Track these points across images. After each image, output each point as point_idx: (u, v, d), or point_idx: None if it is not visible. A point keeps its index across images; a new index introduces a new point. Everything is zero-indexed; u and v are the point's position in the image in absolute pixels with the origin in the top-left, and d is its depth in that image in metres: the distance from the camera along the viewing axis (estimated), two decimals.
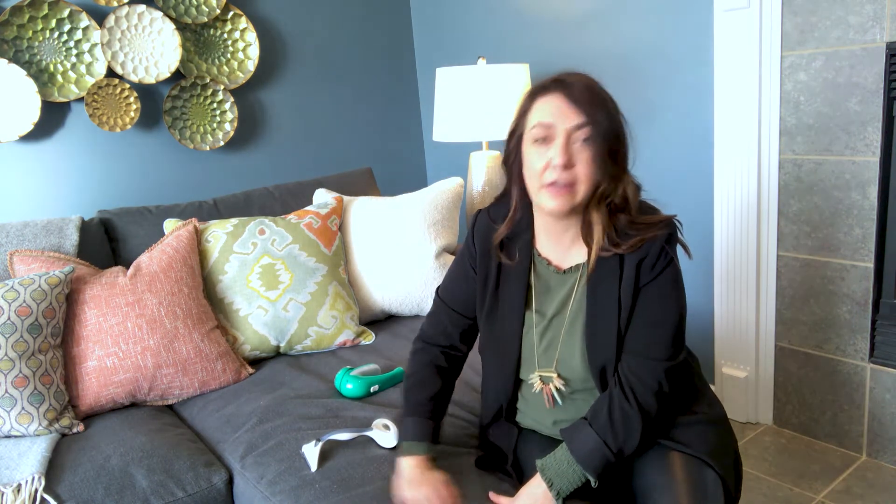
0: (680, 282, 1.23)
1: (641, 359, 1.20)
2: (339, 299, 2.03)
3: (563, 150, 1.14)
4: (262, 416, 1.63)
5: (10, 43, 2.17)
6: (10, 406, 1.55)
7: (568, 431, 1.22)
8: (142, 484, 1.45)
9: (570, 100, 1.15)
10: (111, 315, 1.73)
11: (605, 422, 1.18)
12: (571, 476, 1.18)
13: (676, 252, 1.22)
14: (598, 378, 1.24)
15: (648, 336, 1.21)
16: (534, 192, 1.20)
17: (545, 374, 1.28)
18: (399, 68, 3.17)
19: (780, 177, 2.13)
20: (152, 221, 2.10)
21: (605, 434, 1.17)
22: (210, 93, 2.54)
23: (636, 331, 1.21)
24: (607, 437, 1.17)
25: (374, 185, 2.53)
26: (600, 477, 1.18)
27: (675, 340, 1.22)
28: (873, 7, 1.84)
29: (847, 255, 2.04)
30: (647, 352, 1.20)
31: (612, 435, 1.17)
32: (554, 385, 1.27)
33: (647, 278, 1.20)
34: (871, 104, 1.91)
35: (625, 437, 1.17)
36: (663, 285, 1.20)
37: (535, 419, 1.35)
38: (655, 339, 1.20)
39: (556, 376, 1.27)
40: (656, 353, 1.20)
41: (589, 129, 1.14)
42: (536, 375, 1.29)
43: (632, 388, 1.19)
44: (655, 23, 2.31)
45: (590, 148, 1.14)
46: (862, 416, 2.10)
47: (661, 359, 1.20)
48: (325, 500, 1.31)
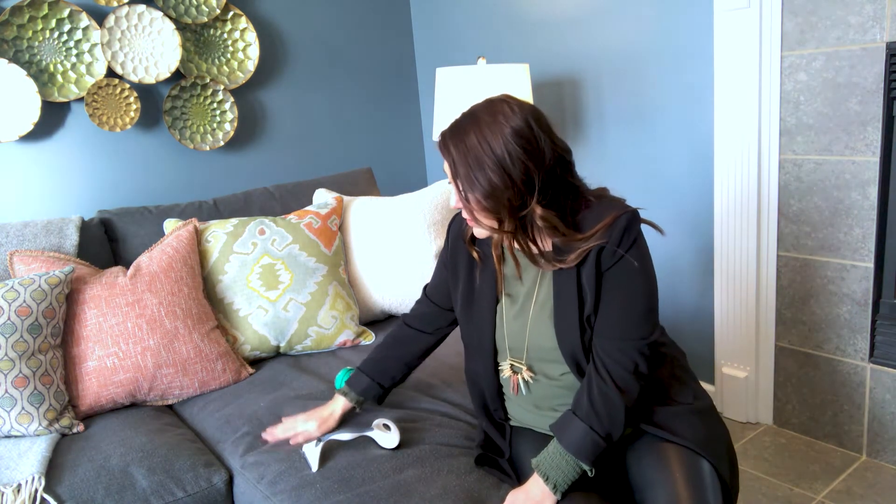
0: (646, 261, 1.24)
1: (614, 340, 1.23)
2: (339, 299, 2.03)
3: (455, 194, 1.23)
4: (263, 417, 1.63)
5: (10, 43, 2.17)
6: (10, 406, 1.55)
7: (556, 425, 1.24)
8: (142, 484, 1.45)
9: (441, 151, 1.22)
10: (111, 315, 1.73)
11: (588, 408, 1.20)
12: (566, 468, 1.19)
13: (640, 233, 1.23)
14: (572, 363, 1.26)
15: (618, 318, 1.23)
16: None
17: (516, 364, 1.33)
18: (399, 68, 3.17)
19: (780, 177, 2.13)
20: (152, 221, 2.10)
21: (590, 420, 1.19)
22: (210, 93, 2.54)
23: (605, 314, 1.23)
24: (593, 423, 1.19)
25: (374, 185, 2.53)
26: (595, 464, 1.20)
27: (645, 318, 1.24)
28: (873, 7, 1.85)
29: (847, 255, 2.04)
30: (619, 333, 1.23)
31: (596, 420, 1.19)
32: (522, 376, 1.32)
33: (609, 262, 1.22)
34: (871, 104, 1.91)
35: (609, 420, 1.19)
36: (627, 267, 1.21)
37: (519, 406, 1.38)
38: (625, 320, 1.23)
39: (525, 368, 1.32)
40: (628, 334, 1.22)
41: (458, 182, 1.20)
42: (508, 362, 1.34)
43: (607, 370, 1.21)
44: (655, 23, 2.31)
45: (465, 192, 1.20)
46: (862, 416, 2.11)
47: (634, 338, 1.22)
48: (325, 500, 1.31)
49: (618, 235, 1.20)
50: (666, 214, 2.37)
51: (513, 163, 1.15)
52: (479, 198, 1.18)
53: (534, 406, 1.35)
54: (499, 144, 1.15)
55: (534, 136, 1.17)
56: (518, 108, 1.18)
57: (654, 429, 1.25)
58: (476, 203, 1.19)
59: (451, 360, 1.81)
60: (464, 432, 1.51)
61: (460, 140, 1.18)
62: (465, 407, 1.61)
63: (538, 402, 1.34)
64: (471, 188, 1.18)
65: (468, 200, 1.20)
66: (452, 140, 1.19)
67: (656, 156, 2.37)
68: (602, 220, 1.20)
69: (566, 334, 1.25)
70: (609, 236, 1.20)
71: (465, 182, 1.18)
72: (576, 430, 1.20)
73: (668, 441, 1.24)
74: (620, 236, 1.20)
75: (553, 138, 1.20)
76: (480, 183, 1.16)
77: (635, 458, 1.27)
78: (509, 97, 1.21)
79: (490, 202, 1.17)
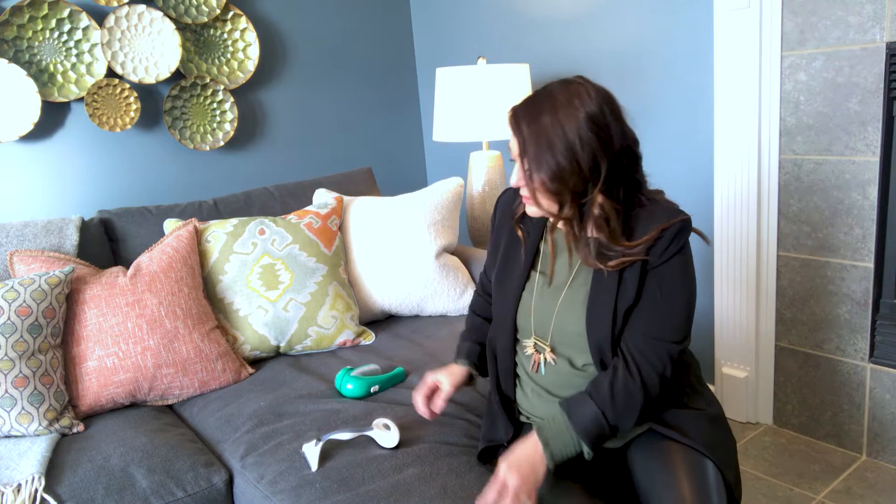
0: (691, 271, 1.24)
1: (649, 339, 1.21)
2: (339, 299, 2.03)
3: (518, 171, 1.22)
4: (263, 417, 1.63)
5: (10, 43, 2.17)
6: (10, 406, 1.55)
7: (566, 402, 1.23)
8: (142, 484, 1.45)
9: (511, 127, 1.21)
10: (111, 315, 1.73)
11: (607, 395, 1.19)
12: (567, 441, 1.19)
13: (688, 243, 1.23)
14: (596, 354, 1.25)
15: (657, 317, 1.21)
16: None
17: (540, 343, 1.32)
18: (399, 68, 3.17)
19: (780, 177, 2.13)
20: (152, 221, 2.10)
21: (604, 406, 1.19)
22: (210, 93, 2.54)
23: (645, 310, 1.22)
24: (606, 409, 1.18)
25: (374, 185, 2.53)
26: (595, 450, 1.20)
27: (682, 324, 1.23)
28: (873, 7, 1.85)
29: (847, 255, 2.04)
30: (656, 333, 1.21)
31: (611, 408, 1.18)
32: (545, 356, 1.31)
33: (658, 261, 1.20)
34: (871, 104, 1.91)
35: (623, 412, 1.19)
36: (674, 269, 1.21)
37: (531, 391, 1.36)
38: (664, 321, 1.22)
39: (549, 349, 1.31)
40: (664, 335, 1.21)
41: (524, 161, 1.19)
42: (532, 340, 1.33)
43: (637, 366, 1.20)
44: (655, 23, 2.31)
45: (530, 171, 1.19)
46: (862, 416, 2.11)
47: (670, 340, 1.21)
48: (325, 499, 1.31)
49: (668, 238, 1.19)
50: None
51: (582, 148, 1.14)
52: (544, 179, 1.17)
53: (546, 392, 1.33)
54: (572, 129, 1.14)
55: (606, 123, 1.16)
56: (595, 92, 1.17)
57: (662, 428, 1.25)
58: (540, 184, 1.18)
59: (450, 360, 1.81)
60: (464, 431, 1.51)
61: (534, 119, 1.17)
62: (465, 406, 1.61)
63: (553, 387, 1.32)
64: (537, 169, 1.17)
65: (532, 180, 1.19)
66: (525, 118, 1.18)
67: (656, 156, 2.37)
68: (651, 226, 1.19)
69: (597, 322, 1.23)
70: (655, 246, 1.20)
71: (532, 162, 1.17)
72: (588, 412, 1.19)
73: (674, 441, 1.23)
74: (671, 239, 1.19)
75: (623, 127, 1.19)
76: (548, 164, 1.15)
77: (640, 460, 1.26)
78: (585, 80, 1.20)
79: (554, 185, 1.17)
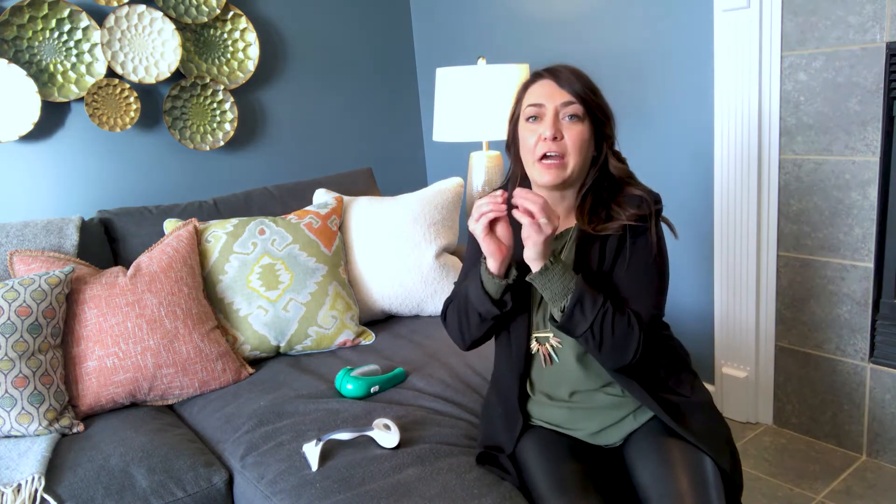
0: (664, 245, 1.30)
1: (630, 300, 1.26)
2: (339, 299, 2.03)
3: (552, 124, 1.26)
4: (263, 417, 1.63)
5: (10, 43, 2.17)
6: (10, 406, 1.55)
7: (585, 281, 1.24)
8: (142, 484, 1.45)
9: (557, 82, 1.28)
10: (111, 315, 1.73)
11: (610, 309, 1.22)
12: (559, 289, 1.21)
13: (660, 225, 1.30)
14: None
15: (636, 281, 1.27)
16: (529, 167, 1.31)
17: (540, 336, 1.34)
18: (399, 68, 3.17)
19: (780, 177, 2.13)
20: (152, 221, 2.10)
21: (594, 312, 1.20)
22: (210, 93, 2.54)
23: (625, 277, 1.27)
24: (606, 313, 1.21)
25: (374, 185, 2.53)
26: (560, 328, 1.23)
27: (658, 293, 1.29)
28: (873, 7, 1.85)
29: (847, 255, 2.04)
30: (633, 294, 1.26)
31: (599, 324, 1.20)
32: (549, 344, 1.33)
33: (637, 233, 1.27)
34: (871, 104, 1.91)
35: (608, 331, 1.21)
36: (651, 241, 1.27)
37: (550, 390, 1.36)
38: (641, 286, 1.27)
39: (551, 336, 1.33)
40: (642, 300, 1.26)
41: (574, 106, 1.26)
42: (533, 337, 1.34)
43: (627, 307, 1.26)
44: (655, 23, 2.31)
45: (576, 123, 1.26)
46: (862, 416, 2.11)
47: (647, 305, 1.26)
48: (325, 499, 1.31)
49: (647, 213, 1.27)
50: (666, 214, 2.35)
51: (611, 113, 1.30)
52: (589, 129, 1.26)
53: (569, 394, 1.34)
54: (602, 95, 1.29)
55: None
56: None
57: (661, 412, 1.26)
58: (578, 136, 1.25)
59: (451, 360, 1.82)
60: (464, 431, 1.51)
61: (580, 74, 1.28)
62: (465, 406, 1.61)
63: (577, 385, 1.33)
64: (605, 117, 1.28)
65: (579, 133, 1.25)
66: (574, 73, 1.28)
67: (656, 156, 2.37)
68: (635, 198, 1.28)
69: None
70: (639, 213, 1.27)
71: (596, 111, 1.27)
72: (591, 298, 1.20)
73: (671, 437, 1.25)
74: (650, 214, 1.27)
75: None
76: (605, 113, 1.28)
77: (638, 456, 1.27)
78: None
79: (592, 138, 1.28)
